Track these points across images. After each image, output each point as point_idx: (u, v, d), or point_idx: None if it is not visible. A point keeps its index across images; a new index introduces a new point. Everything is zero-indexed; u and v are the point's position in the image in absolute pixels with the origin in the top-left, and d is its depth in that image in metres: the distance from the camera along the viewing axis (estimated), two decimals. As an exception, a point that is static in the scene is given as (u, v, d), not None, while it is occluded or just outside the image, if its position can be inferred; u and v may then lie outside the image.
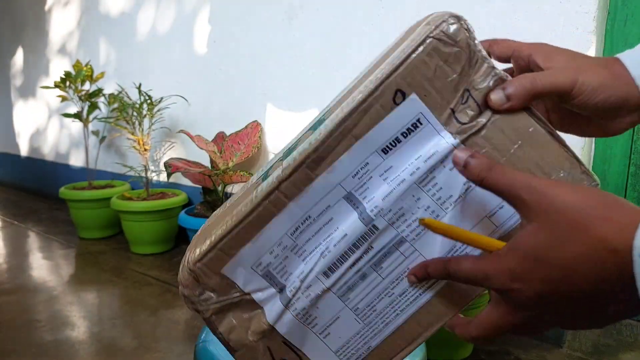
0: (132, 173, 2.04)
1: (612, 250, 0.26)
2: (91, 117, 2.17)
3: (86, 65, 2.15)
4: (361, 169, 0.35)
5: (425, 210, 0.35)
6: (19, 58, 2.99)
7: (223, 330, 0.38)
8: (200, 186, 1.80)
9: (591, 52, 1.09)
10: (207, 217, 1.70)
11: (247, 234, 0.36)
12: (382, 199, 0.35)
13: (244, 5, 1.73)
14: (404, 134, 0.35)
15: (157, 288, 1.59)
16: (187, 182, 2.03)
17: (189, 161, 1.77)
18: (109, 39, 2.33)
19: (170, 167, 1.63)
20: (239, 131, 1.75)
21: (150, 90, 2.02)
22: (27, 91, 2.96)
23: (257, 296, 0.37)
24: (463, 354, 1.15)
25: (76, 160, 2.67)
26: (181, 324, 1.33)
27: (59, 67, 2.63)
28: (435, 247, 0.35)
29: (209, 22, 1.87)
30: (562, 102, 0.37)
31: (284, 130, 1.70)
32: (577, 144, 1.12)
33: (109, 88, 2.26)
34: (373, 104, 0.34)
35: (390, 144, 0.35)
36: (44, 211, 2.62)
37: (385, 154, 0.35)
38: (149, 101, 1.91)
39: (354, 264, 0.36)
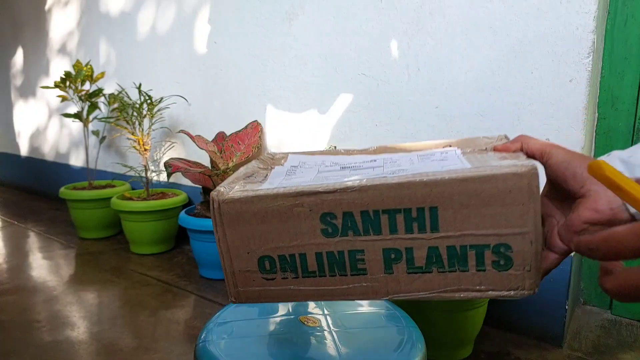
0: (132, 173, 2.04)
1: None
2: (91, 117, 2.17)
3: (86, 65, 2.15)
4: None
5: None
6: (19, 58, 2.99)
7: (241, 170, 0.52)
8: (200, 186, 1.80)
9: (591, 52, 1.09)
10: (207, 217, 1.70)
11: (311, 154, 0.55)
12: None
13: (244, 5, 1.73)
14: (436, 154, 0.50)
15: (157, 288, 1.59)
16: (187, 182, 2.03)
17: (189, 161, 1.77)
18: (109, 39, 2.33)
19: (171, 167, 1.63)
20: (239, 131, 1.75)
21: (150, 90, 2.02)
22: (27, 91, 2.96)
23: (274, 170, 0.52)
24: (463, 354, 1.15)
25: (76, 160, 2.67)
26: (181, 324, 1.33)
27: (59, 67, 2.63)
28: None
29: (209, 22, 1.87)
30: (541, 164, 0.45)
31: (284, 130, 1.70)
32: (577, 143, 1.12)
33: (109, 88, 2.26)
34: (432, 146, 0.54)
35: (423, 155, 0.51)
36: (44, 211, 2.62)
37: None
38: (149, 101, 1.91)
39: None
